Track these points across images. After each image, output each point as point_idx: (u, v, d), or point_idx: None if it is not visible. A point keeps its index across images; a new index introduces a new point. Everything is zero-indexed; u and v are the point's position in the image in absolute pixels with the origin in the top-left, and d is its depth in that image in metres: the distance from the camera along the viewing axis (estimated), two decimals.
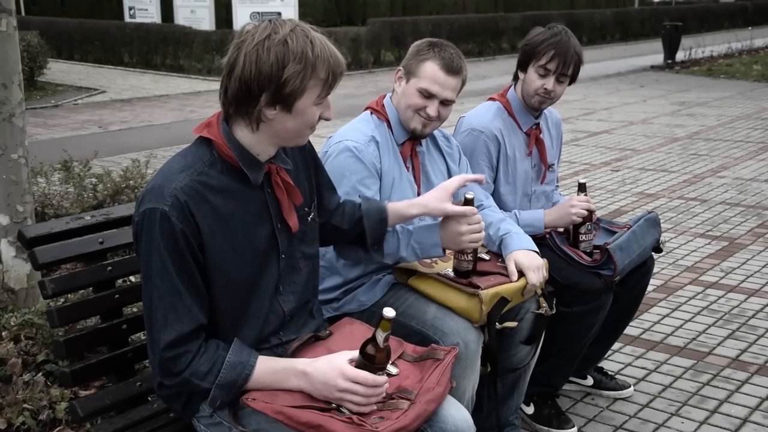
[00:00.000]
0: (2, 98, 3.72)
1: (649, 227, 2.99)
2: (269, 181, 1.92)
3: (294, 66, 1.72)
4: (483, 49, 21.79)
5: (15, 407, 2.87)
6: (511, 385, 2.67)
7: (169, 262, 1.76)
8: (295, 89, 1.73)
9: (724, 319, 4.01)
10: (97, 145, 7.65)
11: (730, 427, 3.02)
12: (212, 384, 1.78)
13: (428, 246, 2.31)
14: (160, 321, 1.78)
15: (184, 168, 1.81)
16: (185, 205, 1.76)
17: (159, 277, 1.77)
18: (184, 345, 1.78)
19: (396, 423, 1.72)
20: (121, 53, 19.33)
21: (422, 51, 2.47)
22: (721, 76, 15.29)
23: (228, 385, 1.79)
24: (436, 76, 2.44)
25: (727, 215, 5.87)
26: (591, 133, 9.52)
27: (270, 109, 1.77)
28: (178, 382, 1.80)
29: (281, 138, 1.85)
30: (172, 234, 1.75)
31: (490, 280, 2.40)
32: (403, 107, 2.51)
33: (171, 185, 1.77)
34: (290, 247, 1.98)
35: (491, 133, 2.90)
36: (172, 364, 1.79)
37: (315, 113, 1.82)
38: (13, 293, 3.82)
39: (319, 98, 1.79)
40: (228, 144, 1.83)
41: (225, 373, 1.79)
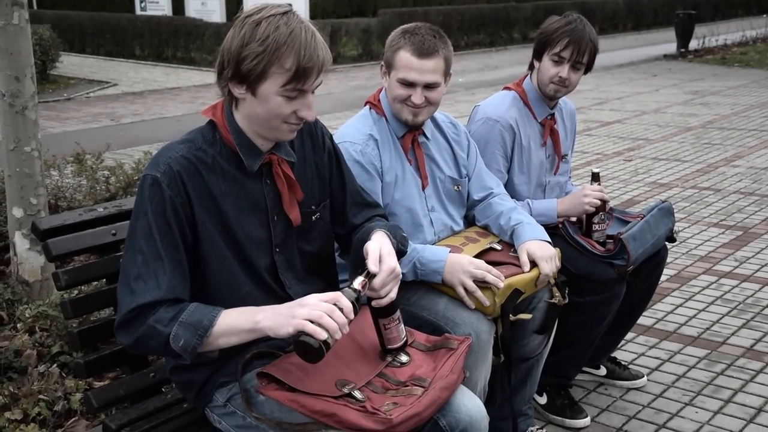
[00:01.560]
0: (15, 91, 3.74)
1: (662, 217, 2.97)
2: (270, 171, 1.92)
3: (255, 46, 1.73)
4: (494, 40, 21.68)
5: (30, 398, 2.90)
6: (524, 374, 2.67)
7: (156, 229, 1.78)
8: (251, 69, 1.75)
9: (738, 308, 3.99)
10: (110, 137, 7.68)
11: (744, 416, 3.00)
12: (173, 326, 1.73)
13: (429, 271, 2.37)
14: (139, 285, 1.75)
15: (184, 141, 1.87)
16: (177, 175, 1.80)
17: (144, 240, 1.78)
18: (153, 309, 1.75)
19: (410, 409, 1.72)
20: (132, 46, 19.38)
21: (394, 41, 2.45)
22: (735, 65, 15.16)
23: (192, 324, 1.73)
24: (410, 63, 2.40)
25: (741, 204, 5.83)
26: (603, 122, 9.47)
27: (237, 87, 1.80)
28: (141, 333, 1.74)
29: (257, 124, 1.85)
30: (161, 201, 1.78)
31: (503, 272, 2.39)
32: (391, 100, 2.50)
33: (167, 155, 1.83)
34: (288, 240, 1.97)
35: (506, 123, 2.89)
36: (135, 321, 1.75)
37: (281, 104, 1.79)
38: (28, 285, 3.85)
39: (284, 89, 1.77)
40: (228, 127, 1.87)
41: (189, 314, 1.74)
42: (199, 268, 1.86)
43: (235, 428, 1.91)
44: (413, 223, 2.52)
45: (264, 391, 1.77)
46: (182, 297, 1.80)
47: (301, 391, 1.74)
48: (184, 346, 1.73)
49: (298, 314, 1.67)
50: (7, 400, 2.88)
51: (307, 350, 1.66)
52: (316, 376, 1.79)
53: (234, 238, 1.88)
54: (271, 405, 1.80)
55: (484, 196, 2.70)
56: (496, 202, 2.67)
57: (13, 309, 3.65)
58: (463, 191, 2.67)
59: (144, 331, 1.75)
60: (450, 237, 2.59)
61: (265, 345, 1.91)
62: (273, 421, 1.79)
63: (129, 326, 1.76)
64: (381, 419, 1.69)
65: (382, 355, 1.91)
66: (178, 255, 1.80)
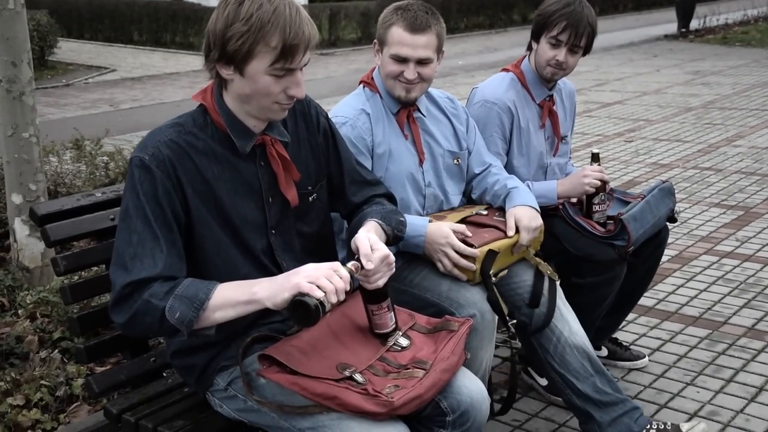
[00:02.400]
0: (12, 77, 3.73)
1: (663, 197, 2.96)
2: (264, 153, 1.91)
3: (239, 26, 1.72)
4: (494, 22, 21.56)
5: (32, 384, 2.90)
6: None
7: (149, 209, 1.77)
8: (237, 50, 1.74)
9: (740, 288, 3.98)
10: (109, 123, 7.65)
11: (746, 396, 3.01)
12: (168, 301, 1.71)
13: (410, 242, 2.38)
14: (135, 262, 1.73)
15: (173, 125, 1.86)
16: (167, 159, 1.79)
17: (140, 221, 1.76)
18: (148, 285, 1.73)
19: (411, 392, 1.72)
20: (130, 31, 19.30)
21: (387, 17, 2.46)
22: (736, 44, 15.07)
23: (189, 298, 1.70)
24: (403, 38, 2.40)
25: (743, 184, 5.81)
26: (604, 104, 9.43)
27: (224, 68, 1.79)
28: (136, 309, 1.71)
29: (247, 104, 1.84)
30: (152, 183, 1.77)
31: (485, 237, 2.43)
32: (384, 77, 2.50)
33: (156, 138, 1.82)
34: (284, 222, 1.96)
35: (504, 105, 2.87)
36: (130, 298, 1.73)
37: (270, 84, 1.78)
38: (28, 272, 3.85)
39: (272, 68, 1.75)
40: (218, 110, 1.86)
41: (185, 288, 1.73)
42: (195, 252, 1.86)
43: (236, 412, 1.92)
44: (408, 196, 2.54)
45: (265, 374, 1.76)
46: (178, 275, 1.78)
47: (302, 374, 1.74)
48: (180, 318, 1.70)
49: (294, 279, 1.67)
50: (9, 386, 2.89)
51: (303, 310, 1.63)
52: (317, 360, 1.78)
53: (229, 222, 1.87)
54: (272, 388, 1.80)
55: (482, 170, 2.72)
56: (492, 172, 2.71)
57: (14, 295, 3.66)
58: (463, 165, 2.68)
59: (139, 307, 1.72)
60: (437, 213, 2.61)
61: (265, 328, 1.91)
62: (274, 404, 1.78)
63: (123, 303, 1.74)
64: (383, 402, 1.69)
65: (381, 340, 1.90)
66: (172, 236, 1.79)
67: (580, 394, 2.53)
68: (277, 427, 1.84)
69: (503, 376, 3.15)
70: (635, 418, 2.51)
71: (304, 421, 1.77)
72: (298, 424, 1.78)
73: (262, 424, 1.88)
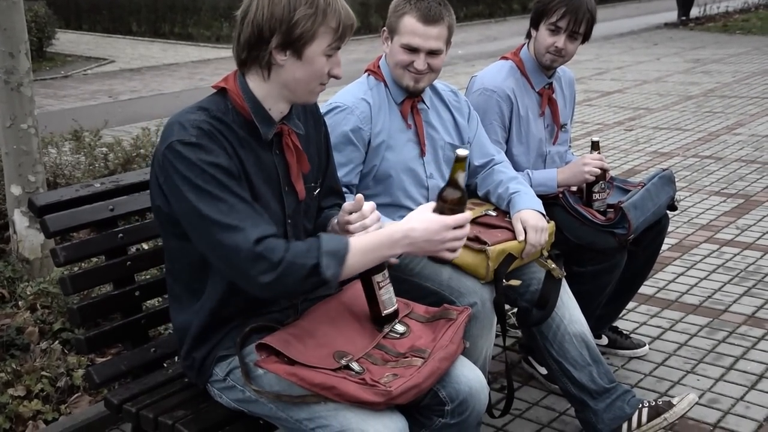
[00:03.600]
0: (9, 68, 3.71)
1: (663, 185, 2.95)
2: (279, 142, 1.90)
3: (305, 9, 1.74)
4: (494, 11, 21.50)
5: (33, 374, 2.91)
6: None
7: (223, 178, 1.73)
8: (305, 32, 1.75)
9: (740, 276, 3.98)
10: (108, 114, 7.65)
11: (746, 383, 3.01)
12: (316, 257, 1.71)
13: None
14: (239, 226, 1.70)
15: (199, 109, 1.82)
16: (211, 134, 1.76)
17: (220, 192, 1.72)
18: (272, 238, 1.72)
19: (409, 381, 1.72)
20: (129, 22, 19.24)
21: (399, 6, 2.43)
22: (736, 32, 15.03)
23: (334, 253, 1.72)
24: (415, 28, 2.39)
25: (743, 172, 5.81)
26: (604, 92, 9.41)
27: (280, 53, 1.78)
28: (281, 270, 1.69)
29: (291, 90, 1.84)
30: (211, 156, 1.73)
31: (497, 236, 2.40)
32: (392, 66, 2.49)
33: (190, 118, 1.78)
34: (296, 215, 1.96)
35: (504, 93, 2.86)
36: (269, 254, 1.69)
37: (324, 65, 1.81)
38: (28, 263, 3.85)
39: (329, 48, 1.80)
40: (243, 95, 1.84)
41: (326, 243, 1.74)
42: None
43: (235, 402, 1.92)
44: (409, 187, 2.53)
45: (263, 365, 1.76)
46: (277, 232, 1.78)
47: (300, 364, 1.73)
48: (333, 275, 1.72)
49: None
50: (10, 377, 2.89)
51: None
52: (315, 348, 1.78)
53: (258, 202, 1.84)
54: (270, 378, 1.79)
55: (485, 163, 2.70)
56: (497, 170, 2.68)
57: (14, 287, 3.66)
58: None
59: (285, 267, 1.70)
60: None
61: (263, 319, 1.91)
62: (272, 394, 1.78)
63: (262, 264, 1.69)
64: (381, 391, 1.69)
65: (378, 327, 1.90)
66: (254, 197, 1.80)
67: (576, 383, 2.54)
68: (275, 418, 1.84)
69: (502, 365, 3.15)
70: (627, 400, 2.53)
71: (302, 411, 1.77)
72: (296, 414, 1.78)
73: (261, 414, 1.88)
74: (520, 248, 2.42)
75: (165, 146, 1.76)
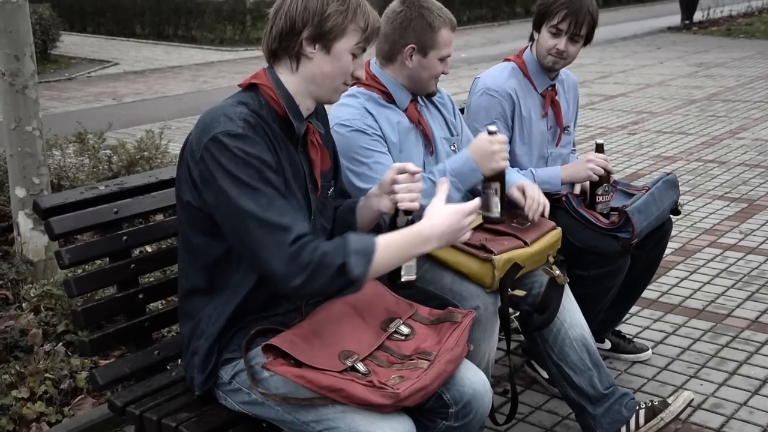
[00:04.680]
0: (14, 70, 3.72)
1: (667, 189, 2.95)
2: (304, 140, 1.93)
3: (337, 5, 1.83)
4: (497, 14, 21.50)
5: (37, 377, 2.91)
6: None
7: (266, 171, 1.76)
8: (336, 26, 1.82)
9: (743, 281, 3.98)
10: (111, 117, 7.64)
11: (749, 388, 3.01)
12: (343, 256, 1.73)
13: (466, 173, 2.37)
14: (281, 220, 1.73)
15: (239, 104, 1.84)
16: (257, 127, 1.79)
17: (262, 185, 1.74)
18: (306, 238, 1.74)
19: (416, 383, 1.72)
20: (133, 25, 19.26)
21: (433, 21, 2.42)
22: (740, 36, 15.02)
23: (362, 252, 1.75)
24: (450, 38, 2.47)
25: (746, 177, 5.80)
26: (607, 96, 9.41)
27: (310, 45, 1.84)
28: (310, 271, 1.71)
29: (318, 84, 1.88)
30: (257, 148, 1.76)
31: (504, 244, 2.39)
32: (426, 78, 2.50)
33: (236, 110, 1.80)
34: (317, 212, 1.99)
35: (505, 93, 2.88)
36: (302, 255, 1.72)
37: (350, 63, 1.88)
38: (32, 265, 3.86)
39: (356, 47, 1.87)
40: (277, 89, 1.87)
41: (353, 242, 1.76)
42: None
43: (241, 405, 1.92)
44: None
45: (270, 367, 1.76)
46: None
47: (307, 366, 1.74)
48: (358, 274, 1.74)
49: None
50: (13, 378, 2.90)
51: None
52: (321, 348, 1.79)
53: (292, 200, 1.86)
54: (277, 381, 1.80)
55: None
56: None
57: (18, 289, 3.66)
58: (458, 150, 2.68)
59: (314, 268, 1.72)
60: None
61: (268, 322, 1.91)
62: (279, 396, 1.79)
63: (294, 265, 1.72)
64: (388, 393, 1.69)
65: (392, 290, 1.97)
66: (291, 192, 1.83)
67: (575, 387, 2.54)
68: (282, 421, 1.84)
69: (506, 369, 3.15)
70: (625, 403, 2.54)
71: (309, 414, 1.77)
72: (303, 417, 1.78)
73: (267, 417, 1.89)
74: (525, 256, 2.41)
75: (209, 138, 1.76)
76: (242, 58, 15.30)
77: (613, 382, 2.57)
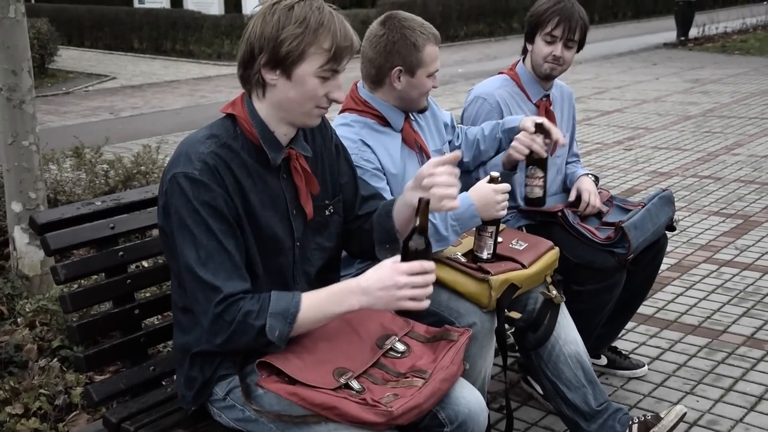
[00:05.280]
0: (12, 85, 3.73)
1: (663, 205, 2.96)
2: (287, 166, 1.91)
3: (293, 28, 1.74)
4: (493, 30, 21.59)
5: (31, 392, 2.90)
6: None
7: (211, 221, 1.76)
8: (291, 51, 1.75)
9: (739, 297, 3.98)
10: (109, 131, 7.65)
11: (745, 405, 3.00)
12: (264, 318, 1.74)
13: (466, 219, 2.34)
14: (212, 278, 1.74)
15: (210, 136, 1.83)
16: (215, 169, 1.78)
17: (204, 236, 1.75)
18: (233, 298, 1.75)
19: (410, 401, 1.72)
20: (130, 39, 19.33)
21: (416, 40, 2.40)
22: (735, 53, 15.11)
23: (282, 313, 1.74)
24: (436, 53, 2.47)
25: (742, 193, 5.82)
26: (603, 112, 9.45)
27: (270, 72, 1.79)
28: (234, 329, 1.74)
29: (286, 111, 1.84)
30: (207, 195, 1.76)
31: (501, 266, 2.39)
32: (416, 97, 2.50)
33: (198, 150, 1.79)
34: (305, 235, 1.97)
35: (494, 100, 2.96)
36: (225, 315, 1.74)
37: (317, 86, 1.80)
38: (28, 280, 3.85)
39: (322, 70, 1.78)
40: (251, 121, 1.85)
41: (275, 304, 1.75)
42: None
43: (235, 421, 1.91)
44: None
45: (263, 385, 1.76)
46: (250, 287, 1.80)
47: (300, 384, 1.73)
48: (279, 335, 1.75)
49: (401, 297, 1.70)
50: (8, 394, 2.88)
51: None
52: (314, 364, 1.78)
53: (260, 234, 1.87)
54: (271, 398, 1.79)
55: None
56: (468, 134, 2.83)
57: (14, 303, 3.65)
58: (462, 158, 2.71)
59: (236, 327, 1.75)
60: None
61: None
62: (272, 413, 1.78)
63: (218, 324, 1.75)
64: (382, 411, 1.69)
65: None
66: (237, 241, 1.81)
67: (569, 404, 2.54)
68: None
69: (501, 385, 3.14)
70: (618, 418, 2.54)
71: (302, 431, 1.76)
72: None
73: None
74: (522, 277, 2.41)
75: (170, 175, 1.78)
76: None
77: (606, 398, 2.58)
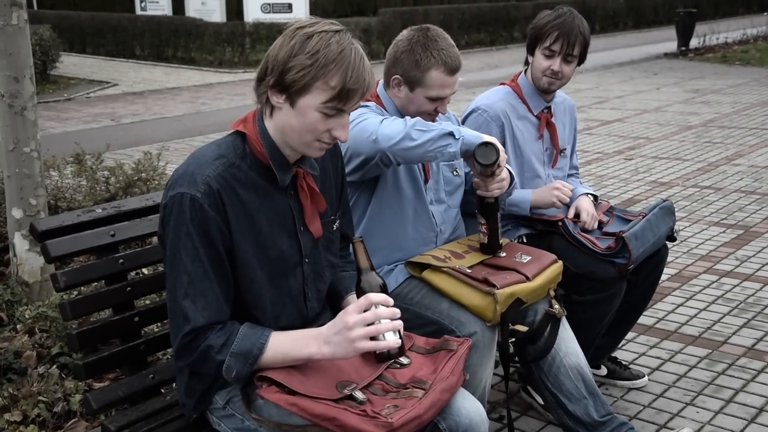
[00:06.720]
0: (14, 92, 3.73)
1: (663, 216, 2.96)
2: (294, 184, 1.91)
3: (303, 58, 1.72)
4: (495, 39, 21.67)
5: (30, 399, 2.89)
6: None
7: (201, 248, 1.76)
8: (296, 81, 1.73)
9: (740, 308, 3.98)
10: (110, 138, 7.68)
11: (745, 416, 3.00)
12: (225, 354, 1.76)
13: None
14: (189, 306, 1.76)
15: (218, 157, 1.82)
16: (217, 194, 1.77)
17: (190, 261, 1.76)
18: (200, 330, 1.77)
19: (410, 412, 1.71)
20: (132, 46, 19.38)
21: (422, 60, 2.38)
22: (735, 63, 15.14)
23: (243, 354, 1.75)
24: (444, 81, 2.41)
25: (742, 203, 5.82)
26: (604, 121, 9.46)
27: (276, 95, 1.78)
28: (195, 359, 1.78)
29: (287, 135, 1.82)
30: (204, 221, 1.75)
31: (506, 279, 2.36)
32: (413, 113, 2.47)
33: (204, 172, 1.78)
34: (315, 252, 1.97)
35: (494, 112, 2.94)
36: (190, 345, 1.77)
37: (318, 121, 1.76)
38: (27, 286, 3.84)
39: (325, 106, 1.75)
40: (261, 140, 1.84)
41: (239, 342, 1.76)
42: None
43: (234, 431, 1.90)
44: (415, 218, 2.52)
45: (263, 395, 1.75)
46: (228, 316, 1.81)
47: (301, 394, 1.73)
48: (236, 376, 1.77)
49: (356, 337, 1.69)
50: (6, 401, 2.88)
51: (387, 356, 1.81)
52: (317, 379, 1.78)
53: (266, 254, 1.86)
54: (271, 408, 1.78)
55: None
56: None
57: (13, 310, 3.65)
58: (461, 173, 2.69)
59: (197, 357, 1.78)
60: (451, 243, 2.59)
61: None
62: (272, 423, 1.77)
63: (185, 350, 1.79)
64: (382, 423, 1.68)
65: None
66: (224, 270, 1.80)
67: (571, 416, 2.53)
68: None
69: (502, 395, 3.13)
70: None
71: None
72: None
73: None
74: (527, 290, 2.39)
75: (172, 192, 1.77)
76: (241, 80, 15.37)
77: (610, 410, 2.56)
